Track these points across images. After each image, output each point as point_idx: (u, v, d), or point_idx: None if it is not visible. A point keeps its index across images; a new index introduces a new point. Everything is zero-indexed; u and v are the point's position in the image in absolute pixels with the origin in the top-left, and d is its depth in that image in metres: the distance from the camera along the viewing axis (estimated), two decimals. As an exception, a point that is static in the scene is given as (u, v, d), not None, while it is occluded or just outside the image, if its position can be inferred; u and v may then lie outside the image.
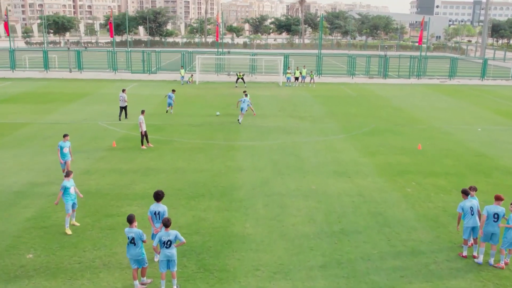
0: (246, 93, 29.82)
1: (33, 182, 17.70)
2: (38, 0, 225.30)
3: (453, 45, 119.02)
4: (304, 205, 15.89)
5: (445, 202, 16.37)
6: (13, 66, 53.28)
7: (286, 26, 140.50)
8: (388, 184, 18.17)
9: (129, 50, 55.95)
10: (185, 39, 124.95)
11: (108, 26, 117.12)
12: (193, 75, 47.94)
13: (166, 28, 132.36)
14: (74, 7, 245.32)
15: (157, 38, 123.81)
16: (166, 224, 10.37)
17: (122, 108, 29.27)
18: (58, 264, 11.92)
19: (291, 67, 50.62)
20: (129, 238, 10.48)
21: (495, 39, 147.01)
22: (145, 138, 22.67)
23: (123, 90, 29.79)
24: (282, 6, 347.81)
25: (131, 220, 10.47)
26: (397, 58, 58.34)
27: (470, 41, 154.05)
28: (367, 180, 18.57)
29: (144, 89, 42.84)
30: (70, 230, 13.55)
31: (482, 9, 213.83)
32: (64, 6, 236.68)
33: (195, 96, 38.85)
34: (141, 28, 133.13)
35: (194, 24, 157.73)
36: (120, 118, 28.91)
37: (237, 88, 42.93)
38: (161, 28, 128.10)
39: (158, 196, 11.73)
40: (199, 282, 11.21)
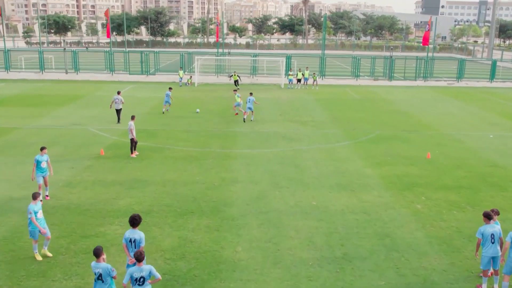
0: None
1: (9, 195, 16.26)
2: (41, 0, 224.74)
3: (459, 45, 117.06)
4: (303, 224, 14.39)
5: (458, 221, 14.84)
6: (7, 67, 51.95)
7: (290, 26, 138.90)
8: (395, 199, 16.64)
9: (127, 50, 54.48)
10: (187, 39, 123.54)
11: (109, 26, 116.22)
12: (192, 77, 46.49)
13: (168, 28, 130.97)
14: (77, 7, 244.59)
15: (158, 38, 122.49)
16: (139, 258, 8.90)
17: (118, 110, 28.16)
18: (20, 297, 10.50)
19: (293, 69, 49.10)
20: (96, 274, 9.02)
21: (502, 40, 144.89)
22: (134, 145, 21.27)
23: (118, 92, 28.60)
24: (286, 6, 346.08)
25: (98, 254, 9.01)
26: (402, 59, 56.68)
27: (476, 41, 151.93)
28: (373, 194, 17.05)
29: (140, 91, 41.42)
30: (39, 256, 12.09)
31: (488, 9, 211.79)
32: (67, 5, 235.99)
33: (193, 98, 37.38)
34: (143, 28, 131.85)
35: (196, 24, 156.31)
36: (119, 121, 27.88)
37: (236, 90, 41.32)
38: (162, 28, 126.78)
39: (134, 221, 10.26)
40: (180, 321, 9.75)
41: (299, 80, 45.49)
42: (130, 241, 10.21)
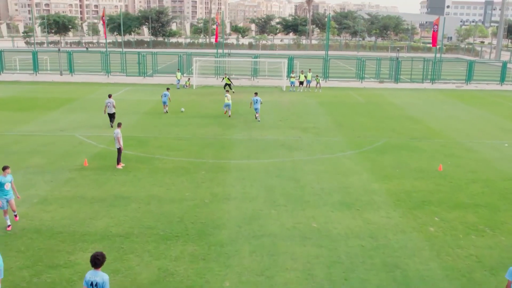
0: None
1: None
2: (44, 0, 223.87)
3: (466, 46, 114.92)
4: (301, 252, 12.66)
5: (477, 248, 13.07)
6: (1, 68, 50.39)
7: (293, 26, 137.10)
8: (405, 220, 14.89)
9: (123, 51, 52.85)
10: (188, 40, 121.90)
11: (110, 26, 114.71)
12: (190, 79, 44.80)
13: (169, 28, 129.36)
14: (80, 7, 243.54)
15: (160, 38, 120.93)
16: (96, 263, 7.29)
17: (110, 115, 26.74)
18: None
19: (296, 71, 47.33)
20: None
21: (510, 41, 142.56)
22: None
23: (110, 96, 27.15)
24: (290, 6, 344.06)
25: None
26: (409, 61, 54.81)
27: (483, 42, 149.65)
28: (380, 214, 15.30)
29: (135, 93, 39.78)
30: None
31: (494, 9, 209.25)
32: (70, 5, 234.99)
33: (189, 102, 35.67)
34: (145, 28, 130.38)
35: (199, 24, 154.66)
36: (111, 125, 26.45)
37: (234, 93, 39.64)
38: (164, 28, 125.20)
39: (96, 261, 8.53)
40: None
41: (302, 82, 43.75)
42: (92, 284, 8.51)
